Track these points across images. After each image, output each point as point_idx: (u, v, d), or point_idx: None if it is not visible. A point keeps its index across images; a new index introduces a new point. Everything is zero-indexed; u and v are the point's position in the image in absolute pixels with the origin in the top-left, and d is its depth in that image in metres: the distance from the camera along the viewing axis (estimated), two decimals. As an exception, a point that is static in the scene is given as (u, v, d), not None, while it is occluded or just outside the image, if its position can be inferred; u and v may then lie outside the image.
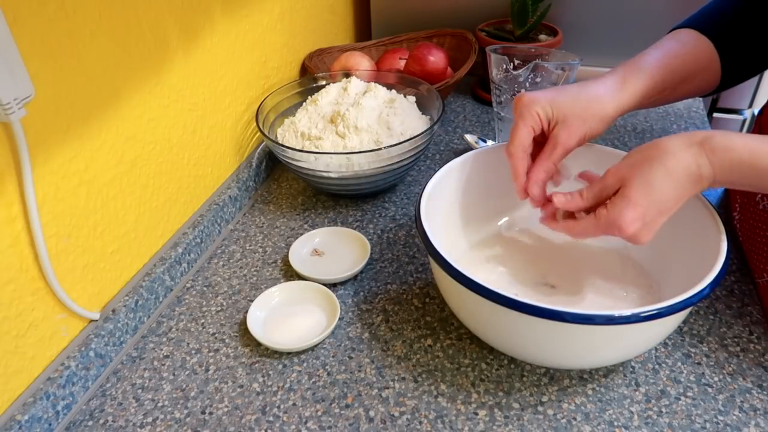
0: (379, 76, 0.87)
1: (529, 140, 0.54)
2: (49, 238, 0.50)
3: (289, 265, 0.67)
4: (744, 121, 1.08)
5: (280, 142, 0.77)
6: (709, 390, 0.51)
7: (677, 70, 0.58)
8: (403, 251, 0.69)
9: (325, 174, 0.72)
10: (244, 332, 0.59)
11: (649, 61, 0.57)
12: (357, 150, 0.72)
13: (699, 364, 0.54)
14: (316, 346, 0.57)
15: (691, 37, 0.60)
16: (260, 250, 0.71)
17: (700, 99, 1.00)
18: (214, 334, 0.59)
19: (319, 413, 0.51)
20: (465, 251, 0.63)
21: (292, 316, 0.60)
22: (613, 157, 0.61)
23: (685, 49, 0.59)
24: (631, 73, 0.56)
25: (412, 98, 0.82)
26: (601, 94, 0.55)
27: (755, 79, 1.03)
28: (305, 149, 0.73)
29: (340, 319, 0.60)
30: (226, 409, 0.52)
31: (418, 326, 0.59)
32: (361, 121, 0.74)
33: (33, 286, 0.49)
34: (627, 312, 0.42)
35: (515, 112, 0.55)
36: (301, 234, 0.71)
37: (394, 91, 0.83)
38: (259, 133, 0.84)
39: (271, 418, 0.51)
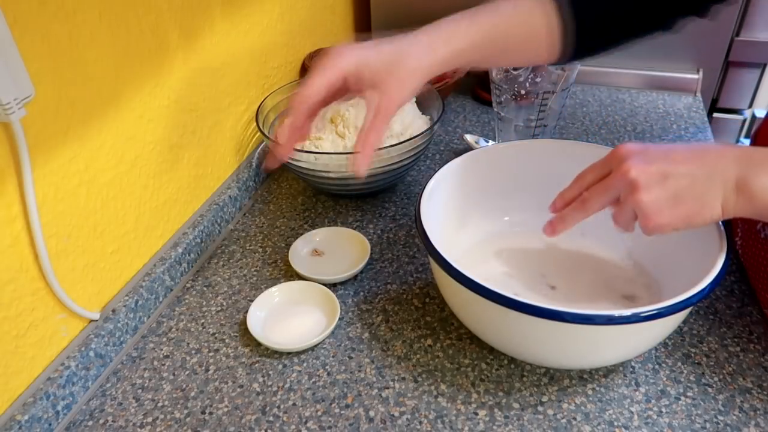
0: (379, 76, 0.87)
1: (323, 94, 0.51)
2: (49, 238, 0.50)
3: (289, 265, 0.67)
4: (744, 121, 1.08)
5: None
6: (709, 390, 0.51)
7: (497, 43, 0.54)
8: (403, 251, 0.69)
9: (325, 174, 0.72)
10: (244, 332, 0.59)
11: (462, 32, 0.53)
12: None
13: (699, 364, 0.54)
14: (316, 346, 0.57)
15: (527, 6, 0.54)
16: (260, 250, 0.71)
17: (700, 99, 1.00)
18: (214, 334, 0.59)
19: (319, 413, 0.51)
20: (465, 251, 0.63)
21: (292, 316, 0.60)
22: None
23: (515, 19, 0.54)
24: (438, 42, 0.52)
25: (412, 98, 0.82)
26: (413, 52, 0.51)
27: (755, 79, 1.03)
28: (305, 149, 0.73)
29: (340, 319, 0.60)
30: (226, 409, 0.52)
31: (418, 326, 0.59)
32: (361, 121, 0.74)
33: (33, 286, 0.49)
34: (627, 312, 0.42)
35: (320, 62, 0.51)
36: (301, 234, 0.71)
37: (394, 91, 0.83)
38: (259, 133, 0.84)
39: (271, 418, 0.51)
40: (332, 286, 0.64)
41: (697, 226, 0.44)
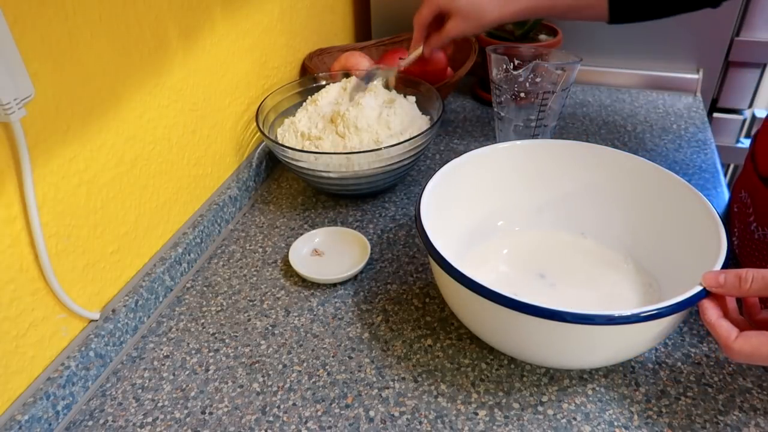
0: (379, 76, 0.87)
1: (429, 20, 0.75)
2: (49, 238, 0.50)
3: (289, 265, 0.67)
4: (744, 121, 1.08)
5: (280, 142, 0.77)
6: (709, 390, 0.51)
7: (557, 6, 0.68)
8: (403, 251, 0.69)
9: (325, 174, 0.72)
10: (244, 332, 0.59)
11: None
12: (357, 150, 0.72)
13: (699, 364, 0.54)
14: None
15: None
16: (260, 250, 0.71)
17: (700, 99, 1.00)
18: (214, 334, 0.59)
19: (319, 413, 0.51)
20: (465, 251, 0.63)
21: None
22: (613, 156, 0.61)
23: None
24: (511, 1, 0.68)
25: (412, 98, 0.82)
26: (485, 5, 0.69)
27: (755, 79, 1.03)
28: (305, 149, 0.73)
29: (339, 319, 0.60)
30: (226, 409, 0.52)
31: (418, 326, 0.59)
32: (360, 121, 0.74)
33: (33, 286, 0.49)
34: (627, 312, 0.42)
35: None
36: (301, 234, 0.71)
37: (394, 91, 0.83)
38: (259, 133, 0.84)
39: (271, 418, 0.51)
40: (332, 286, 0.64)
41: None
